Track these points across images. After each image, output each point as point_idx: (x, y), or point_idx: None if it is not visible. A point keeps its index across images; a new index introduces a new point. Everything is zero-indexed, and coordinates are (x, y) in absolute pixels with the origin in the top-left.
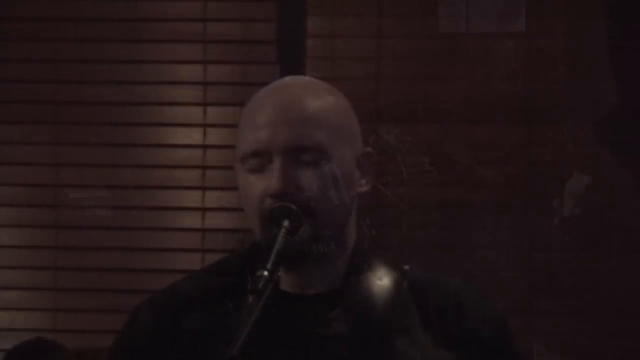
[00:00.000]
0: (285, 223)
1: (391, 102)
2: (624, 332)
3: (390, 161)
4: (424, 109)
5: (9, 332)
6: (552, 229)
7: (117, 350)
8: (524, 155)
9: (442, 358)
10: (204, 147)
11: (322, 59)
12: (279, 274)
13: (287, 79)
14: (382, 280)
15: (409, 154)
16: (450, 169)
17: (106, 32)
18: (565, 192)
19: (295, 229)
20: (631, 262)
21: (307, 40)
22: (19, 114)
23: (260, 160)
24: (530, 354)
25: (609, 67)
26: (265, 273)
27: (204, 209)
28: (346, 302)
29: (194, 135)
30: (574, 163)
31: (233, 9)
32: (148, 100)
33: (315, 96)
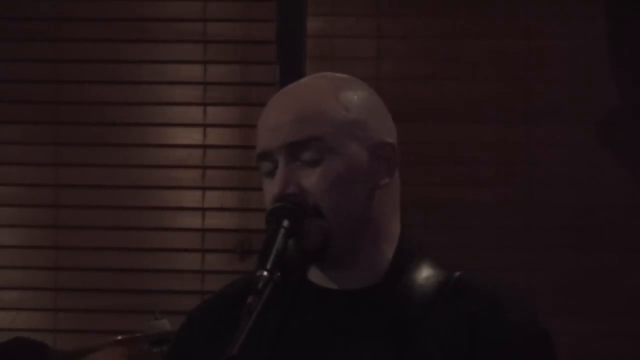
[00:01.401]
0: (285, 223)
1: (391, 102)
2: (625, 332)
3: None
4: (424, 109)
5: (9, 332)
6: (553, 228)
7: (172, 345)
8: (524, 155)
9: None
10: (204, 147)
11: (322, 59)
12: (279, 274)
13: (304, 78)
14: (426, 281)
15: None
16: (450, 169)
17: (106, 32)
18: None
19: (295, 228)
20: (631, 262)
21: (307, 40)
22: (19, 114)
23: (268, 164)
24: None
25: (609, 67)
26: (265, 273)
27: (204, 209)
28: (383, 299)
29: (194, 135)
30: (574, 163)
31: (233, 9)
32: (148, 100)
33: (320, 91)
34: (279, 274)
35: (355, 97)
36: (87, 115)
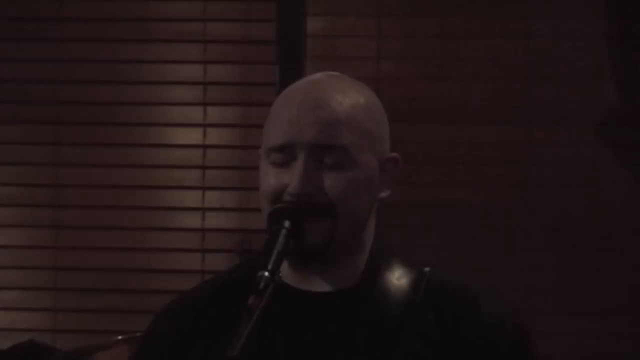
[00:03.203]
0: (286, 224)
1: (391, 102)
2: (624, 332)
3: None
4: (424, 109)
5: (9, 332)
6: (553, 228)
7: (140, 349)
8: (524, 155)
9: None
10: (204, 147)
11: (322, 59)
12: (281, 274)
13: (320, 75)
14: (399, 281)
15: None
16: (450, 169)
17: (106, 32)
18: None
19: (296, 229)
20: (631, 262)
21: (307, 40)
22: (19, 114)
23: (284, 156)
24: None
25: (609, 67)
26: (266, 274)
27: (204, 209)
28: (360, 301)
29: (194, 135)
30: (574, 163)
31: (233, 9)
32: (148, 100)
33: (347, 98)
34: (280, 274)
35: (380, 110)
36: (87, 115)
